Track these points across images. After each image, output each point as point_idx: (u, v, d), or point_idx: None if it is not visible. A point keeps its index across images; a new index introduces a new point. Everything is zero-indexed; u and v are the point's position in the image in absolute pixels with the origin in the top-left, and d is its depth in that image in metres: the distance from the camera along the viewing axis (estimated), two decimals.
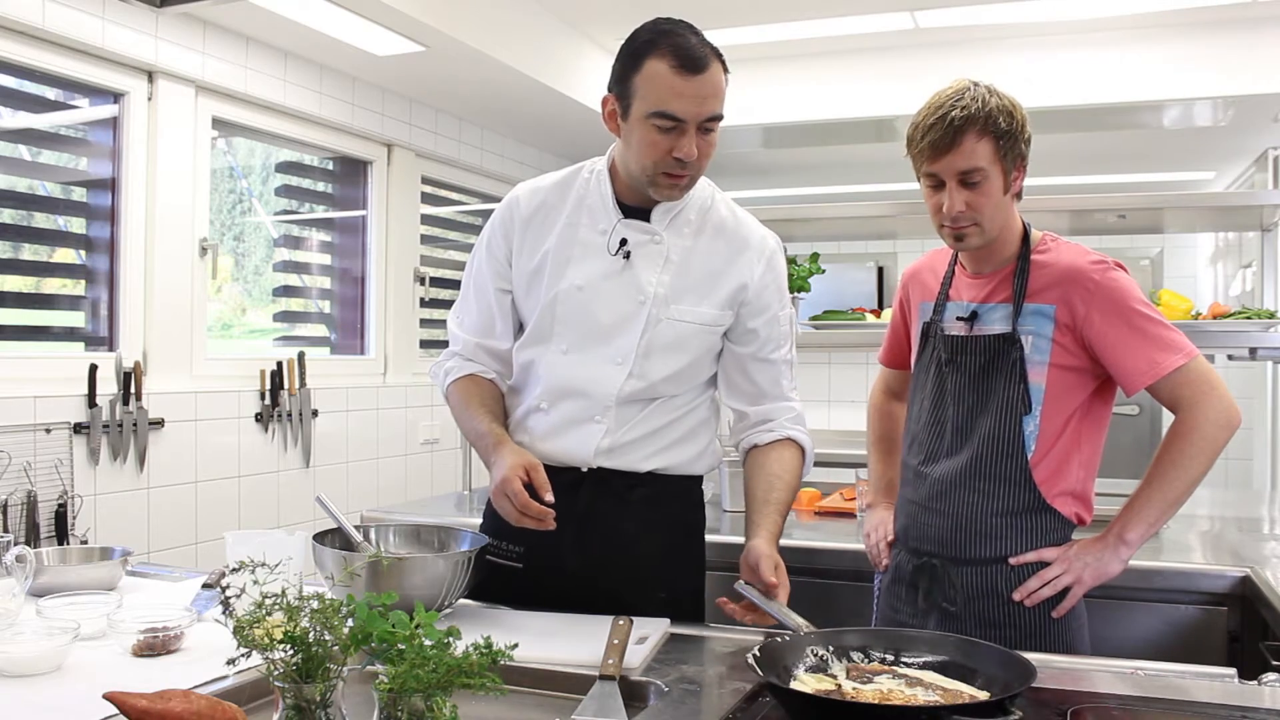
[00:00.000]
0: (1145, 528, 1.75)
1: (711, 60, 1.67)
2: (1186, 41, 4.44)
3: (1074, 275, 1.76)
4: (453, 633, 1.08)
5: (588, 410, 1.81)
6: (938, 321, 1.90)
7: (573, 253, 1.81)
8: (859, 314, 3.42)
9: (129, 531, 3.32)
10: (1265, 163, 5.36)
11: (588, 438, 1.81)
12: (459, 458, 3.84)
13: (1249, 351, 2.77)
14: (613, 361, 1.79)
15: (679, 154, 1.67)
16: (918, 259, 2.05)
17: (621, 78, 1.70)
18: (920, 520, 1.89)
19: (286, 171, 4.39)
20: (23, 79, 3.25)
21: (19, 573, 1.69)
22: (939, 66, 4.72)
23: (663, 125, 1.66)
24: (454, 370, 1.91)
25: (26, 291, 3.40)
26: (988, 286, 1.85)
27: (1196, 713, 1.32)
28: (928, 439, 1.88)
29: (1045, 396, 1.77)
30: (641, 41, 1.68)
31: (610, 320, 1.79)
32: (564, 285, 1.80)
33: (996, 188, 1.75)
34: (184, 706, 1.04)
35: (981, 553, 1.81)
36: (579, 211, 1.83)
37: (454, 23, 3.85)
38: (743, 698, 1.36)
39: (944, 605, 1.82)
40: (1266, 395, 5.35)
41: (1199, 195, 4.86)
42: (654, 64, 1.65)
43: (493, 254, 1.89)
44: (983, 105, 1.72)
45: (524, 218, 1.85)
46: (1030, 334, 1.78)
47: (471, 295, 1.93)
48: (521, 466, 1.66)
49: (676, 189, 1.74)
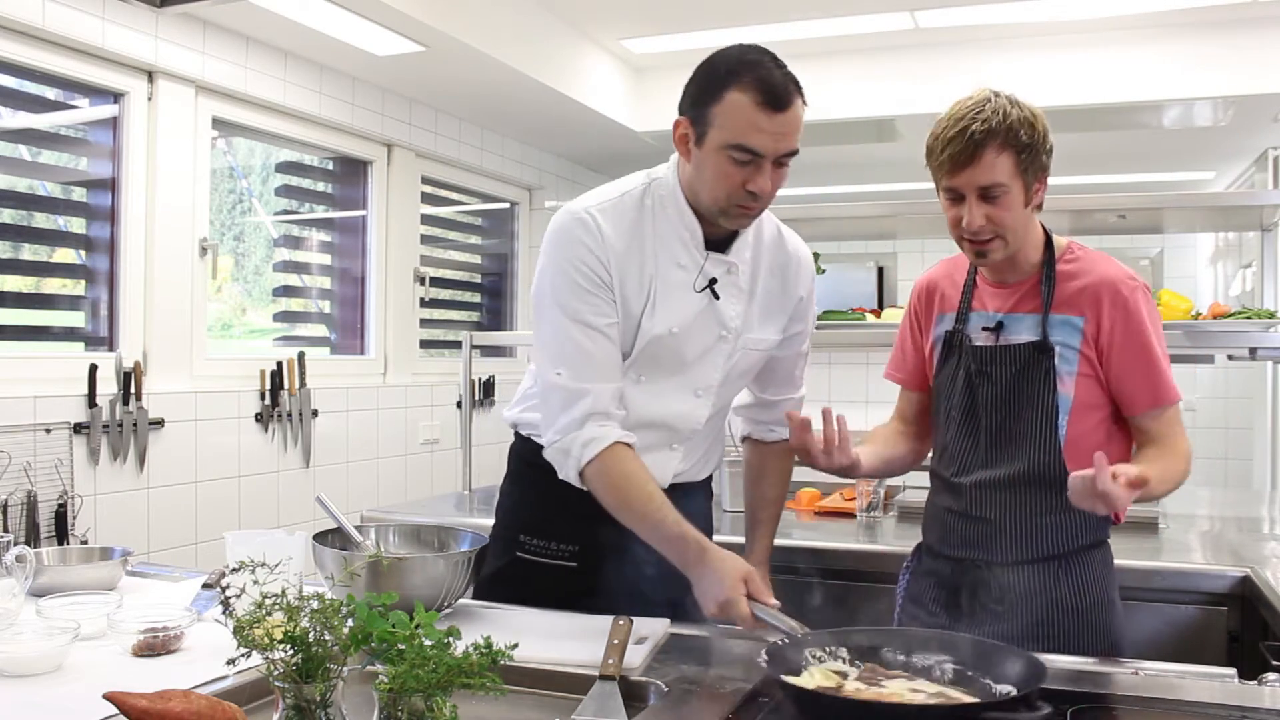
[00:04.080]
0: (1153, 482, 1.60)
1: (795, 96, 1.62)
2: (1186, 41, 4.44)
3: (1105, 288, 1.75)
4: (453, 633, 1.08)
5: (667, 439, 1.82)
6: (962, 331, 1.86)
7: (658, 290, 1.73)
8: (859, 314, 3.43)
9: (129, 531, 3.32)
10: (1265, 163, 5.36)
11: (665, 464, 1.82)
12: (459, 458, 3.84)
13: (1249, 351, 2.77)
14: (694, 394, 1.80)
15: (753, 188, 1.63)
16: (930, 270, 2.01)
17: (698, 102, 1.65)
18: (959, 527, 1.87)
19: (286, 171, 4.38)
20: (23, 79, 3.24)
21: (19, 573, 1.69)
22: (939, 66, 4.73)
23: (740, 158, 1.62)
24: (595, 441, 1.67)
25: (26, 291, 3.40)
26: (1014, 296, 1.82)
27: (1196, 713, 1.32)
28: (960, 449, 1.86)
29: (1073, 405, 1.77)
30: (725, 70, 1.62)
31: (694, 355, 1.78)
32: (659, 329, 1.73)
33: (1018, 201, 1.72)
34: (184, 706, 1.04)
35: (1031, 553, 1.80)
36: (658, 242, 1.74)
37: (454, 23, 3.85)
38: (743, 698, 1.36)
39: (993, 607, 1.80)
40: (1266, 395, 5.35)
41: (1199, 195, 4.86)
42: (736, 95, 1.60)
43: (597, 286, 1.71)
44: (1004, 118, 1.69)
45: (615, 248, 1.72)
46: (1058, 344, 1.76)
47: (578, 337, 1.70)
48: (740, 582, 1.57)
49: (747, 218, 1.72)
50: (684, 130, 1.69)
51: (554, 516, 1.84)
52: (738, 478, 2.96)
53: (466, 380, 3.63)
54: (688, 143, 1.68)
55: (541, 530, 1.87)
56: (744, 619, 1.55)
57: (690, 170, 1.70)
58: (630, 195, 1.77)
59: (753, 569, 1.62)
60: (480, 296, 5.68)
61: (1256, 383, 5.62)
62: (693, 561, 1.62)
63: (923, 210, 3.11)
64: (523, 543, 1.90)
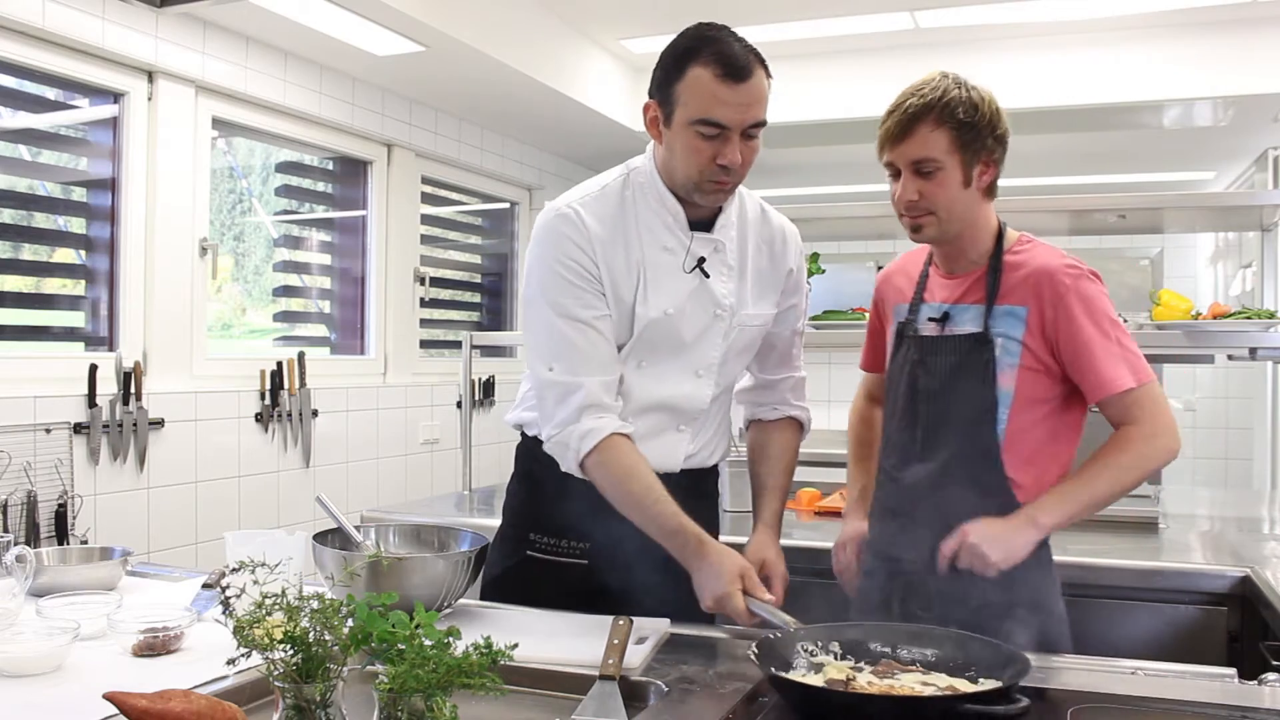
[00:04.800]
0: (1060, 517, 1.67)
1: (755, 66, 1.65)
2: (1186, 41, 4.44)
3: (1045, 276, 1.73)
4: (453, 633, 1.08)
5: (673, 421, 1.83)
6: (912, 322, 1.86)
7: (648, 275, 1.75)
8: (859, 314, 3.42)
9: (129, 531, 3.32)
10: (1265, 163, 5.36)
11: (674, 447, 1.83)
12: (459, 458, 3.84)
13: (1249, 351, 2.77)
14: (695, 374, 1.82)
15: (723, 161, 1.66)
16: (893, 261, 2.02)
17: (663, 84, 1.69)
18: (892, 526, 1.83)
19: (286, 171, 4.38)
20: (23, 79, 3.24)
21: (19, 573, 1.69)
22: (939, 66, 4.70)
23: (706, 133, 1.65)
24: (593, 433, 1.69)
25: (26, 291, 3.40)
26: (961, 287, 1.81)
27: (1196, 713, 1.32)
28: (900, 442, 1.84)
29: (1014, 399, 1.73)
30: (684, 49, 1.66)
31: (692, 336, 1.79)
32: (653, 313, 1.75)
33: (953, 180, 1.72)
34: (184, 706, 1.04)
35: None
36: (640, 229, 1.77)
37: (454, 23, 3.85)
38: (743, 697, 1.36)
39: (918, 613, 1.74)
40: (1266, 395, 5.35)
41: (1199, 195, 4.86)
42: (697, 71, 1.63)
43: (584, 280, 1.73)
44: (942, 95, 1.71)
45: (600, 240, 1.74)
46: (1001, 336, 1.74)
47: (568, 332, 1.73)
48: (737, 578, 1.60)
49: (722, 194, 1.74)
50: (653, 113, 1.73)
51: (563, 514, 1.83)
52: (739, 478, 2.96)
53: (466, 380, 3.63)
54: (658, 125, 1.72)
55: (552, 528, 1.87)
56: (739, 613, 1.57)
57: (663, 152, 1.74)
58: (611, 187, 1.80)
59: (749, 565, 1.63)
60: (480, 296, 5.68)
61: (1256, 383, 5.62)
62: (691, 555, 1.64)
63: None
64: (533, 541, 1.90)
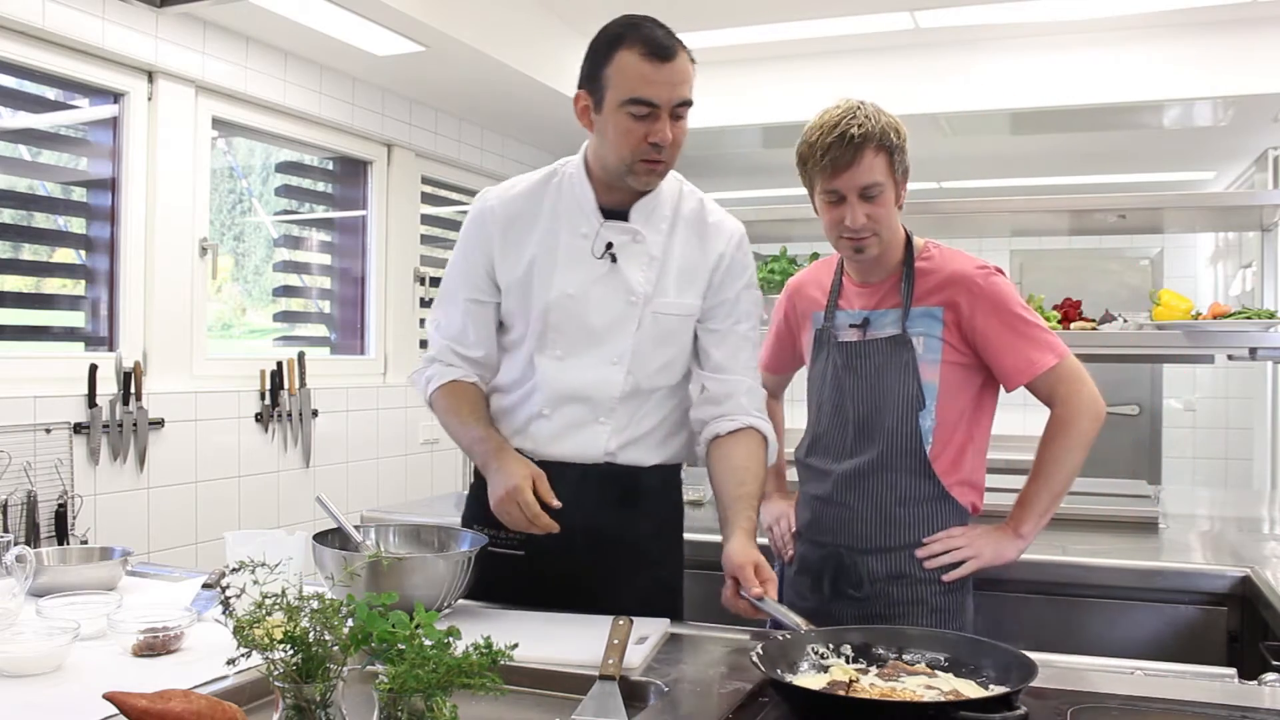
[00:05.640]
0: (1036, 520, 1.88)
1: (679, 48, 1.74)
2: (1186, 41, 4.44)
3: (960, 280, 1.88)
4: (453, 633, 1.08)
5: (591, 413, 1.85)
6: (829, 329, 1.99)
7: (557, 259, 1.84)
8: None
9: (129, 531, 3.32)
10: (1265, 163, 5.36)
11: (594, 439, 1.86)
12: (459, 458, 3.85)
13: (1249, 351, 2.76)
14: (609, 363, 1.84)
15: (654, 139, 1.72)
16: (800, 272, 2.16)
17: (592, 73, 1.76)
18: (825, 514, 1.98)
19: (286, 171, 4.38)
20: (23, 79, 3.25)
21: (19, 573, 1.69)
22: (939, 66, 4.73)
23: (637, 112, 1.71)
24: (436, 376, 1.93)
25: (26, 291, 3.40)
26: (877, 294, 1.95)
27: (1196, 713, 1.32)
28: (831, 439, 1.98)
29: (939, 392, 1.89)
30: (610, 36, 1.74)
31: (603, 323, 1.83)
32: (554, 294, 1.83)
33: (891, 199, 1.86)
34: (184, 706, 1.04)
35: (888, 541, 1.91)
36: (556, 217, 1.86)
37: (454, 23, 3.85)
38: (743, 698, 1.36)
39: (850, 592, 1.92)
40: (1266, 395, 5.35)
41: (1199, 195, 4.86)
42: (625, 55, 1.71)
43: (469, 264, 1.90)
44: (875, 122, 1.82)
45: (501, 227, 1.87)
46: (921, 335, 1.89)
47: (447, 301, 1.94)
48: (528, 476, 1.72)
49: (654, 175, 1.79)
50: (584, 102, 1.80)
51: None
52: None
53: None
54: (589, 114, 1.79)
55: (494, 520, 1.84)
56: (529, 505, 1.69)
57: (595, 139, 1.81)
58: (534, 178, 1.91)
59: (541, 471, 1.74)
60: None
61: (1256, 383, 5.63)
62: (491, 456, 1.79)
63: (922, 210, 3.11)
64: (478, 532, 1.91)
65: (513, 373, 1.90)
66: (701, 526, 2.75)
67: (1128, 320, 2.93)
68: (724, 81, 5.05)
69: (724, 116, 5.04)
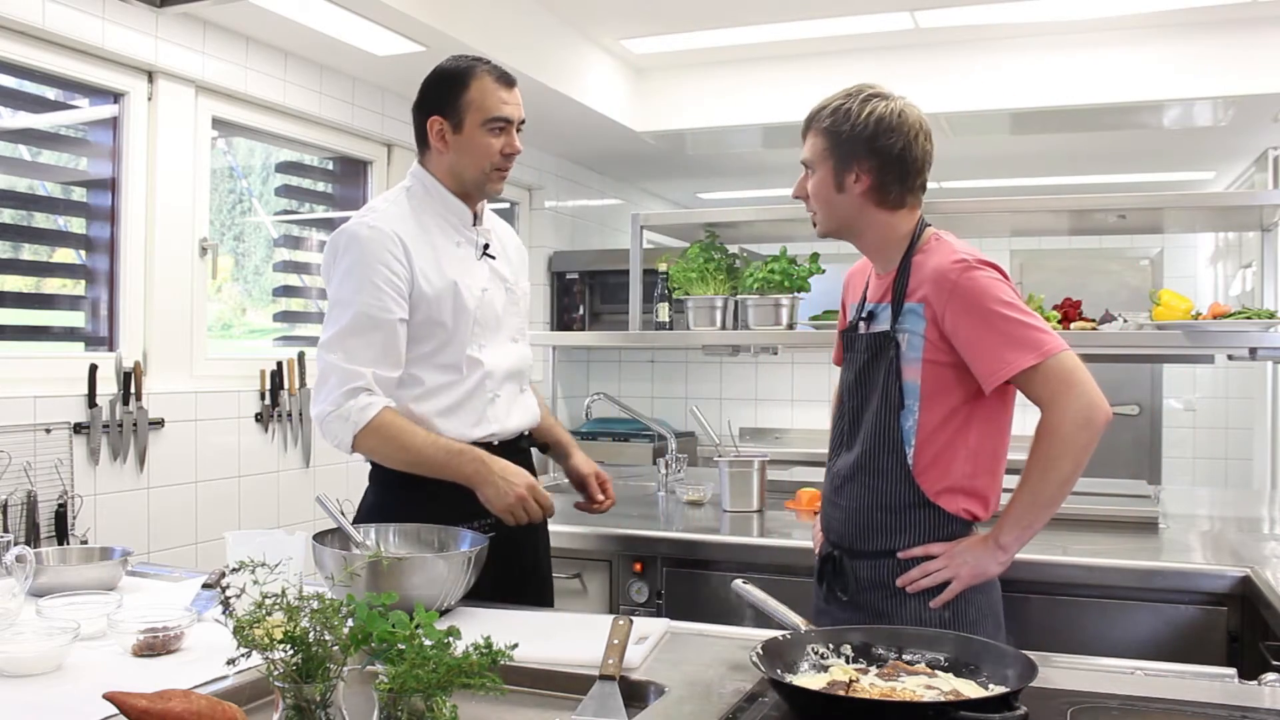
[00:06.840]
0: (1019, 531, 1.78)
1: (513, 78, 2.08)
2: (1186, 41, 4.44)
3: (935, 275, 1.80)
4: (453, 633, 1.08)
5: (519, 384, 2.17)
6: (857, 319, 1.99)
7: (461, 264, 2.07)
8: None
9: (129, 531, 3.32)
10: (1265, 163, 5.36)
11: (528, 405, 2.19)
12: None
13: (1249, 351, 2.77)
14: (514, 340, 2.16)
15: (509, 150, 2.05)
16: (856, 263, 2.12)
17: (447, 102, 2.03)
18: (824, 511, 1.99)
19: (286, 171, 4.38)
20: (23, 79, 3.24)
21: (19, 573, 1.69)
22: (939, 66, 4.73)
23: (495, 128, 2.03)
24: (371, 405, 1.96)
25: (26, 291, 3.40)
26: (883, 287, 1.93)
27: (1196, 713, 1.32)
28: (833, 434, 2.00)
29: (921, 393, 1.81)
30: (463, 69, 2.04)
31: (503, 310, 2.13)
32: (473, 295, 2.06)
33: (824, 182, 1.89)
34: (184, 706, 1.04)
35: (870, 545, 1.86)
36: (440, 231, 2.07)
37: (454, 23, 3.85)
38: (743, 698, 1.36)
39: (839, 595, 1.90)
40: (1266, 395, 5.35)
41: (1199, 195, 4.86)
42: (480, 82, 2.02)
43: (390, 286, 1.97)
44: (826, 105, 1.89)
45: (403, 247, 2.00)
46: (907, 332, 1.83)
47: (363, 329, 1.95)
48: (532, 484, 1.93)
49: (504, 182, 2.11)
50: (439, 127, 2.05)
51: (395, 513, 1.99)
52: (739, 478, 2.97)
53: None
54: (444, 137, 2.04)
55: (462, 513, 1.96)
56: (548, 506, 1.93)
57: (450, 158, 2.06)
58: (398, 203, 2.07)
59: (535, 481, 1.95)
60: None
61: (1256, 383, 5.63)
62: (482, 462, 1.92)
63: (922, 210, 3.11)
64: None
65: (447, 373, 2.03)
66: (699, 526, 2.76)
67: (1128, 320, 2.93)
68: (724, 81, 5.05)
69: (724, 116, 5.04)
